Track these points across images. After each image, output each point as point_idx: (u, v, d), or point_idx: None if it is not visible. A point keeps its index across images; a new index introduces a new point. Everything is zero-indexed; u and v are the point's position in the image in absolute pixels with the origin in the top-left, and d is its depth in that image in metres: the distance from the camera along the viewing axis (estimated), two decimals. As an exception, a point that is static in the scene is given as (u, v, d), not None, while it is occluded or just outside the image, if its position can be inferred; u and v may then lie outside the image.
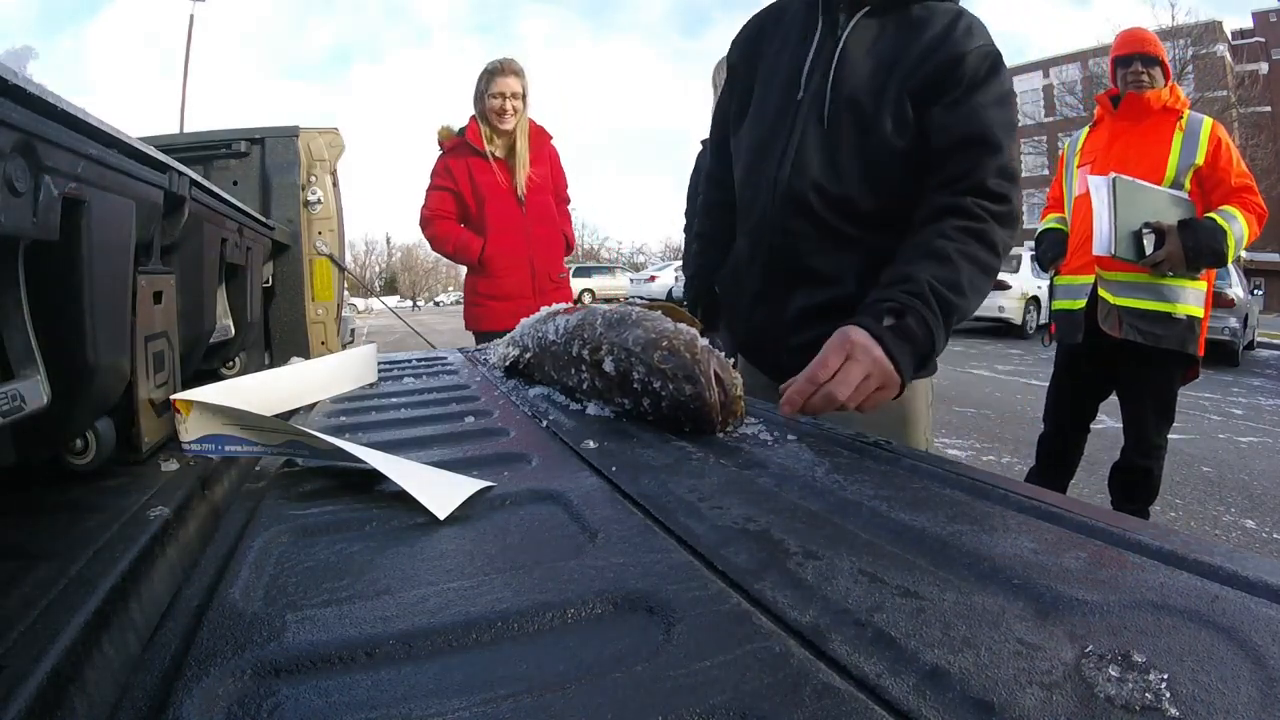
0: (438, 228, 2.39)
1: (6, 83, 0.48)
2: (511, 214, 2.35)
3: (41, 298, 0.58)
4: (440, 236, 2.39)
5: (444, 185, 2.37)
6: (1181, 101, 1.97)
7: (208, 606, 0.41)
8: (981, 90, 0.95)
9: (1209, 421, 4.37)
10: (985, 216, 0.90)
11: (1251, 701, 0.29)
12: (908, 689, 0.31)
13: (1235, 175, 1.89)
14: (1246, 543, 2.41)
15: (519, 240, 2.36)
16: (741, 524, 0.51)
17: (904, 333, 0.83)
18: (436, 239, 2.41)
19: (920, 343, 0.84)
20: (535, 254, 2.39)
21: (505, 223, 2.34)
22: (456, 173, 2.34)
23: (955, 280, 0.87)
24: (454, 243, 2.38)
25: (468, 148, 2.33)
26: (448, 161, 2.37)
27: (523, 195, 2.34)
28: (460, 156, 2.35)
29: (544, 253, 2.41)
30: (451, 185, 2.36)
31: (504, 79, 2.26)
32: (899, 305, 0.84)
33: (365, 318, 15.64)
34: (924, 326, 0.84)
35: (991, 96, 0.95)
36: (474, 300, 2.45)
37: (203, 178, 0.99)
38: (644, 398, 0.83)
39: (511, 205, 2.34)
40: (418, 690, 0.33)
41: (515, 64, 2.30)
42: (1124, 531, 0.48)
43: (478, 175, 2.32)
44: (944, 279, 0.86)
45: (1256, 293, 9.47)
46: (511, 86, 2.27)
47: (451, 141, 2.38)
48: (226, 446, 0.68)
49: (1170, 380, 1.99)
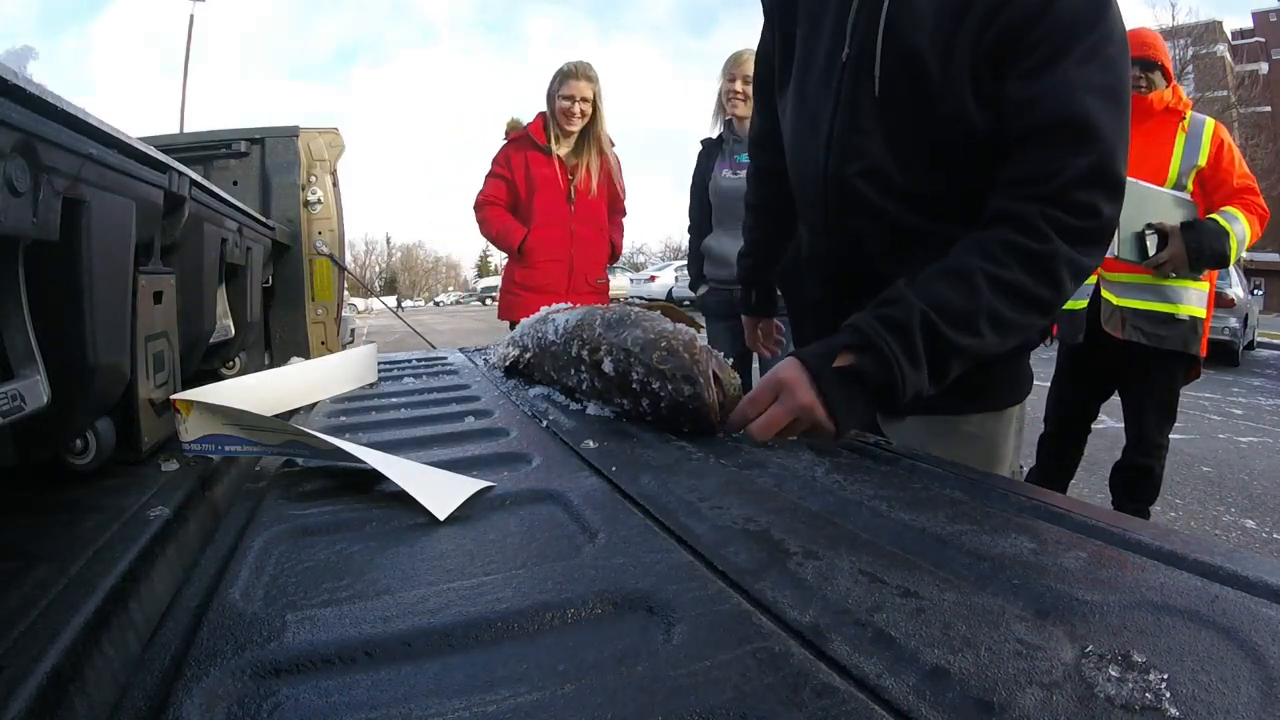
0: (487, 212, 2.47)
1: (6, 83, 0.48)
2: (559, 208, 2.40)
3: (41, 298, 0.58)
4: (488, 220, 2.47)
5: (501, 174, 2.44)
6: (1184, 102, 1.97)
7: (208, 606, 0.41)
8: (1075, 53, 0.69)
9: (1209, 421, 4.37)
10: (1050, 236, 0.68)
11: (1251, 701, 0.29)
12: (908, 689, 0.31)
13: (1238, 176, 1.89)
14: (1246, 543, 2.41)
15: (562, 235, 2.41)
16: (741, 524, 0.51)
17: (854, 376, 0.69)
18: (485, 222, 2.48)
19: (876, 388, 0.69)
20: (577, 252, 2.43)
21: (550, 216, 2.39)
22: (514, 163, 2.41)
23: (966, 313, 0.68)
24: (498, 228, 2.44)
25: (529, 141, 2.40)
26: (508, 151, 2.44)
27: (574, 194, 2.40)
28: (521, 149, 2.41)
29: (585, 253, 2.45)
30: (508, 174, 2.43)
31: (576, 83, 2.31)
32: (862, 339, 0.69)
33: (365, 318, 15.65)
34: (884, 369, 0.68)
35: (1092, 64, 0.69)
36: (509, 289, 2.50)
37: (203, 178, 0.99)
38: (643, 398, 0.83)
39: (560, 200, 2.40)
40: (418, 690, 0.33)
41: (590, 70, 2.35)
42: (1124, 531, 0.48)
43: (534, 167, 2.39)
44: (949, 310, 0.68)
45: (1256, 293, 9.47)
46: (582, 90, 2.32)
47: (516, 133, 2.45)
48: (226, 446, 0.68)
49: (1173, 380, 1.99)
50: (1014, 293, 0.69)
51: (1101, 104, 0.69)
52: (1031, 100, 0.70)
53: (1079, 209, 0.69)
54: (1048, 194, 0.69)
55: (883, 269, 0.82)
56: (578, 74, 2.32)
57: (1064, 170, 0.69)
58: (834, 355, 0.70)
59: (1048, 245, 0.69)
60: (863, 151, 0.81)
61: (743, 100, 2.16)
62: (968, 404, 0.86)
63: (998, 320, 0.69)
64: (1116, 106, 0.70)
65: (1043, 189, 0.70)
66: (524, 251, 2.40)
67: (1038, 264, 0.69)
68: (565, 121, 2.34)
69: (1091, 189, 0.69)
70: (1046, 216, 0.69)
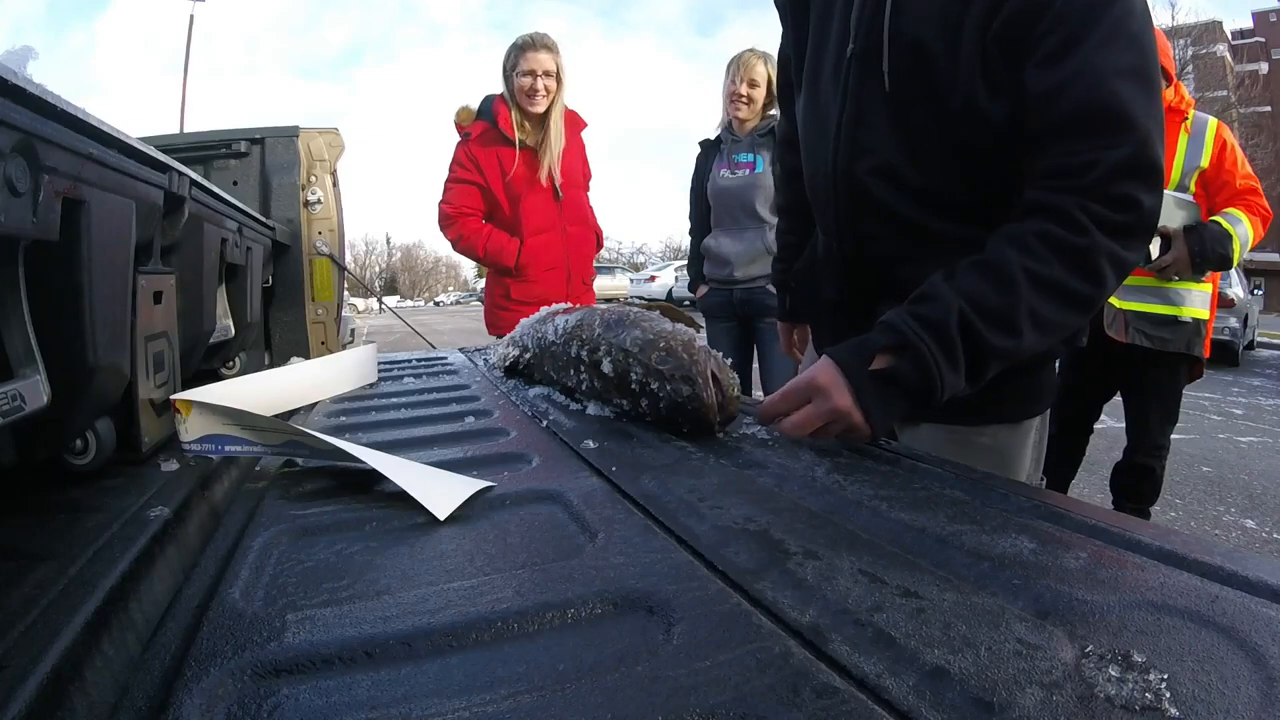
0: (464, 227, 2.05)
1: (6, 83, 0.48)
2: (548, 212, 2.06)
3: (41, 298, 0.58)
4: (468, 237, 2.05)
5: (468, 178, 2.03)
6: (1186, 101, 1.97)
7: (208, 606, 0.41)
8: (1096, 33, 0.64)
9: (1209, 421, 4.37)
10: (1088, 228, 0.65)
11: (1251, 701, 0.29)
12: (908, 689, 0.31)
13: (1240, 177, 1.89)
14: (1246, 543, 2.41)
15: (556, 240, 2.08)
16: (741, 524, 0.51)
17: (891, 379, 0.67)
18: (463, 240, 2.07)
19: (914, 390, 0.67)
20: (571, 256, 2.12)
21: (542, 222, 2.05)
22: (484, 163, 2.01)
23: (1004, 311, 0.65)
24: (485, 245, 2.05)
25: (496, 135, 1.99)
26: (472, 150, 2.02)
27: (560, 191, 2.06)
28: (488, 145, 2.01)
29: (579, 254, 2.16)
30: (478, 179, 2.02)
31: (535, 54, 1.94)
32: (900, 340, 0.67)
33: (365, 318, 15.65)
34: (923, 371, 0.66)
35: (1116, 44, 0.64)
36: (501, 304, 2.12)
37: (203, 178, 0.99)
38: (642, 398, 0.83)
39: (548, 202, 2.06)
40: (418, 690, 0.33)
41: (548, 38, 1.98)
42: (1124, 531, 0.48)
43: (509, 167, 2.00)
44: (987, 308, 0.65)
45: (1256, 293, 9.46)
46: (544, 63, 1.94)
47: (477, 127, 2.03)
48: (226, 446, 0.68)
49: (1176, 381, 1.99)
50: (1054, 290, 0.66)
51: (1133, 88, 0.64)
52: (1056, 90, 0.66)
53: (1118, 203, 0.65)
54: (1084, 187, 0.65)
55: (898, 271, 0.81)
56: (536, 44, 1.95)
57: (1099, 163, 0.65)
58: (870, 356, 0.68)
59: (1087, 239, 0.65)
60: (872, 148, 0.79)
61: (745, 103, 2.15)
62: (983, 415, 0.84)
63: (1037, 319, 0.66)
64: (1148, 88, 0.65)
65: (1078, 182, 0.66)
66: (520, 266, 2.06)
67: (1078, 259, 0.65)
68: (528, 102, 1.96)
69: (1130, 180, 0.65)
70: (1085, 210, 0.65)
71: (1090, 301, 0.68)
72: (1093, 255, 0.65)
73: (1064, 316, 0.67)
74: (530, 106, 1.97)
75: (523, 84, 1.95)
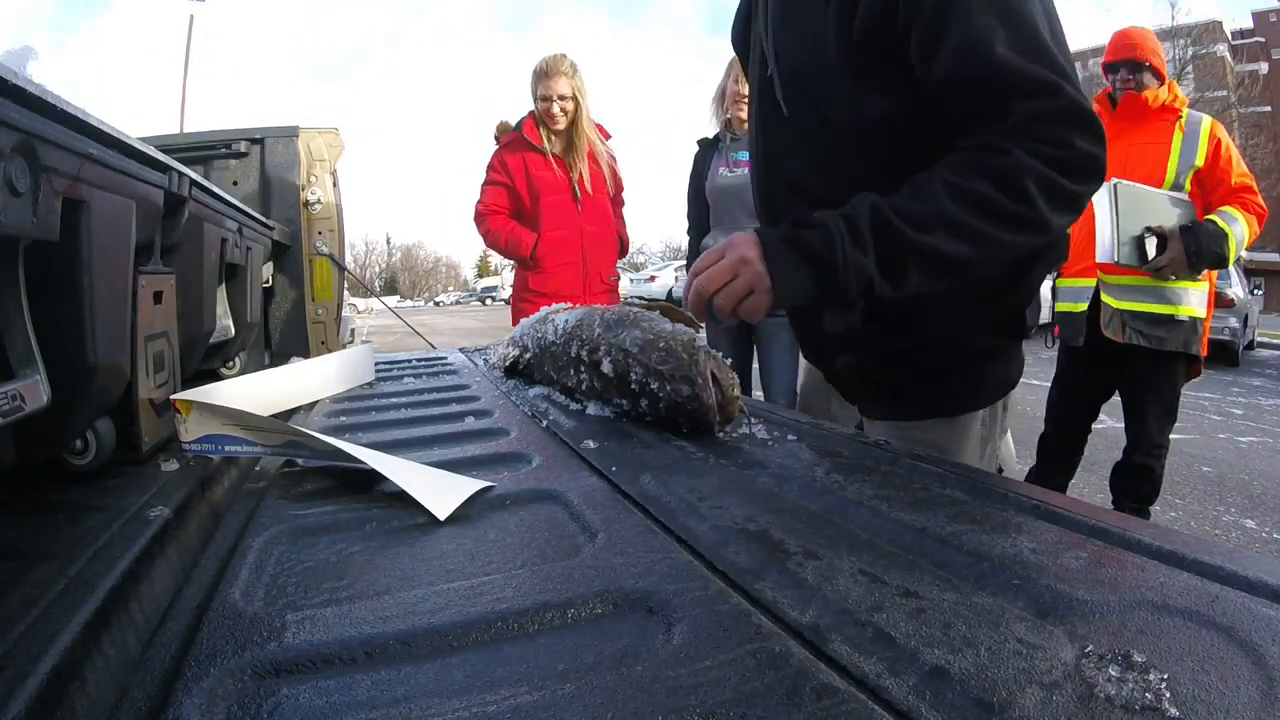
0: (491, 223, 2.37)
1: (6, 83, 0.48)
2: (567, 210, 2.32)
3: (42, 298, 0.58)
4: (494, 231, 2.37)
5: (498, 180, 2.35)
6: (1180, 100, 1.97)
7: (208, 606, 0.41)
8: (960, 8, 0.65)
9: (1209, 421, 4.37)
10: (1010, 150, 0.65)
11: (1251, 701, 0.29)
12: (908, 689, 0.31)
13: (1235, 175, 1.89)
14: (1246, 543, 2.41)
15: (573, 237, 2.33)
16: (741, 524, 0.51)
17: (794, 242, 0.70)
18: (490, 234, 2.39)
19: (814, 256, 0.68)
20: (589, 252, 2.35)
21: (560, 219, 2.31)
22: (511, 167, 2.32)
23: (917, 211, 0.67)
24: (505, 238, 2.35)
25: (523, 142, 2.30)
26: (503, 156, 2.34)
27: (579, 193, 2.32)
28: (516, 151, 2.32)
29: (597, 252, 2.38)
30: (506, 180, 2.33)
31: (551, 81, 2.22)
32: (809, 220, 0.70)
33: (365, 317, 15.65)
34: (826, 241, 0.68)
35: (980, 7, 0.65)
36: (523, 296, 2.39)
37: (203, 178, 0.99)
38: (642, 398, 0.83)
39: (567, 201, 2.31)
40: (417, 690, 0.33)
41: (564, 64, 2.24)
42: (1124, 531, 0.48)
43: (533, 170, 2.29)
44: (900, 205, 0.67)
45: (1256, 292, 9.47)
46: (559, 89, 2.22)
47: (508, 136, 2.35)
48: (226, 446, 0.69)
49: (1174, 380, 1.99)
50: (973, 199, 0.66)
51: (1015, 41, 0.65)
52: (947, 78, 0.67)
53: (1045, 139, 0.65)
54: (1006, 130, 0.66)
55: None
56: (551, 72, 2.23)
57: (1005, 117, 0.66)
58: (777, 228, 0.73)
59: (1010, 159, 0.65)
60: (782, 168, 0.86)
61: (745, 103, 2.15)
62: (925, 410, 0.87)
63: (954, 225, 0.66)
64: (1031, 34, 0.65)
65: (999, 126, 0.66)
66: (536, 258, 2.32)
67: (1001, 176, 0.65)
68: (550, 122, 2.27)
69: (1053, 124, 0.65)
70: (1011, 140, 0.65)
71: (1021, 219, 0.66)
72: (1015, 173, 0.65)
73: (990, 228, 0.66)
74: (551, 125, 2.28)
75: (543, 108, 2.26)
